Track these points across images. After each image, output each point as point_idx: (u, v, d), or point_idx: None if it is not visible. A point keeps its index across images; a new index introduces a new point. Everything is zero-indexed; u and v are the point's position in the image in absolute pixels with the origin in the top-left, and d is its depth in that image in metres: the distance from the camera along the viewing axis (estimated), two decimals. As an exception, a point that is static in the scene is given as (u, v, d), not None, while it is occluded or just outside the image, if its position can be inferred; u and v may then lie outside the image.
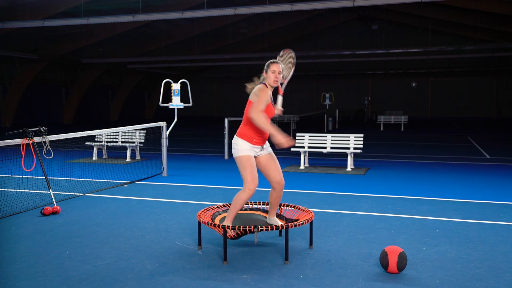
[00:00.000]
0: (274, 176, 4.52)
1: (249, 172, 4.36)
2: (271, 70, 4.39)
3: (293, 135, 17.85)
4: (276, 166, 4.55)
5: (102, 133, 8.84)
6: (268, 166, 4.53)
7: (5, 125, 27.60)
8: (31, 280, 3.79)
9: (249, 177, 4.35)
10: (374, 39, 35.98)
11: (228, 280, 3.80)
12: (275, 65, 4.40)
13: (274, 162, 4.55)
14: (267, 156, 4.54)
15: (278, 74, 4.39)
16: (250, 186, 4.35)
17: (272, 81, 4.39)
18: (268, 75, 4.41)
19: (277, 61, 4.45)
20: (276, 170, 4.53)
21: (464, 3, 22.92)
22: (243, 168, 4.38)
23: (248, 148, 4.41)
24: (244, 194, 4.36)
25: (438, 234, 5.06)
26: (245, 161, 4.38)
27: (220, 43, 30.63)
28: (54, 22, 17.04)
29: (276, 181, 4.52)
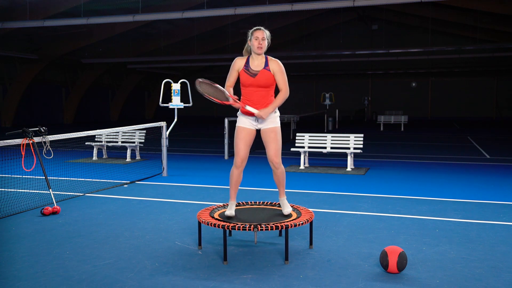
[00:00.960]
0: (268, 154, 4.56)
1: (236, 144, 4.53)
2: (254, 36, 4.43)
3: (293, 135, 17.85)
4: (271, 144, 4.52)
5: (102, 133, 8.84)
6: (264, 143, 4.58)
7: (5, 125, 27.60)
8: (31, 280, 3.79)
9: (235, 150, 4.54)
10: (374, 39, 35.98)
11: (228, 280, 3.80)
12: (258, 32, 4.44)
13: (269, 139, 4.53)
14: (265, 132, 4.55)
15: (261, 41, 4.41)
16: (236, 158, 4.53)
17: (255, 48, 4.43)
18: (252, 43, 4.45)
19: (260, 28, 4.47)
20: (270, 148, 4.53)
21: (464, 3, 22.92)
22: (235, 138, 4.56)
23: (242, 118, 4.55)
24: (233, 167, 4.56)
25: (438, 234, 5.06)
26: (237, 132, 4.56)
27: (220, 43, 30.63)
28: (54, 22, 17.04)
29: (269, 159, 4.56)
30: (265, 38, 4.44)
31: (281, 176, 4.62)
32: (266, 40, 4.46)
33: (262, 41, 4.41)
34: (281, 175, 4.62)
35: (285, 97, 4.54)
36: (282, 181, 4.66)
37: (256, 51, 4.43)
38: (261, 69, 4.44)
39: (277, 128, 4.55)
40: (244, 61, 4.51)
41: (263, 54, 4.51)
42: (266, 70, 4.44)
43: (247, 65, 4.48)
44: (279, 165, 4.56)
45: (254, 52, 4.46)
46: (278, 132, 4.55)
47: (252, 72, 4.45)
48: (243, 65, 4.50)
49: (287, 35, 32.66)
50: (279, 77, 4.47)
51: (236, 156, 4.50)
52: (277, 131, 4.55)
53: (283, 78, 4.49)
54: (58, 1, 18.80)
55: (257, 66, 4.46)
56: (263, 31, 4.44)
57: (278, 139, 4.54)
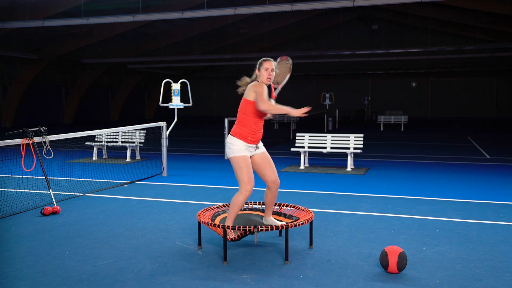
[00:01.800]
0: (270, 175, 4.50)
1: (246, 173, 4.33)
2: (264, 67, 4.38)
3: (293, 135, 17.86)
4: (271, 165, 4.53)
5: (102, 133, 8.84)
6: (263, 166, 4.50)
7: (5, 125, 27.60)
8: (31, 280, 3.79)
9: (246, 178, 4.32)
10: (374, 39, 35.98)
11: (228, 280, 3.80)
12: (267, 63, 4.39)
13: (268, 161, 4.53)
14: (262, 156, 4.52)
15: (271, 72, 4.38)
16: (246, 187, 4.31)
17: (265, 79, 4.38)
18: (261, 73, 4.40)
19: (269, 59, 4.44)
20: (271, 170, 4.50)
21: (464, 3, 22.92)
22: (239, 168, 4.34)
23: (244, 147, 4.39)
24: (241, 196, 4.33)
25: (438, 234, 5.06)
26: (241, 161, 4.35)
27: (220, 43, 30.63)
28: (54, 22, 17.04)
29: (272, 180, 4.50)
30: (274, 69, 4.42)
31: (276, 194, 4.61)
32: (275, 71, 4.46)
33: (272, 72, 4.40)
34: (276, 193, 4.61)
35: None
36: (275, 200, 4.66)
37: (266, 82, 4.40)
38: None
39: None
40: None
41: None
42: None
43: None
44: (279, 180, 4.58)
45: (263, 82, 4.41)
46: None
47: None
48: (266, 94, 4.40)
49: (287, 35, 32.65)
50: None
51: (248, 184, 4.32)
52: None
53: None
54: (58, 1, 18.80)
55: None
56: (272, 62, 4.42)
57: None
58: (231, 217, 4.41)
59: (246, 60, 29.49)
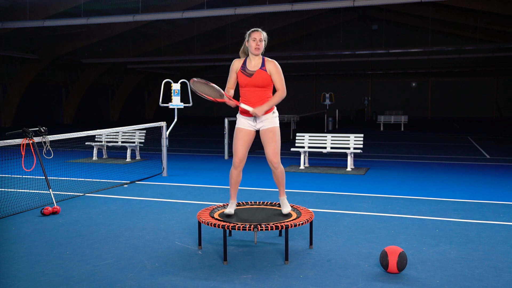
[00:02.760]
0: (266, 153, 4.58)
1: (234, 144, 4.60)
2: (252, 38, 4.50)
3: (293, 135, 17.85)
4: (269, 144, 4.55)
5: (102, 133, 8.84)
6: (263, 143, 4.61)
7: (5, 125, 27.60)
8: (31, 280, 3.79)
9: (234, 148, 4.60)
10: (374, 39, 35.99)
11: (228, 280, 3.80)
12: (255, 33, 4.51)
13: (267, 139, 4.56)
14: (263, 132, 4.59)
15: (259, 42, 4.48)
16: (234, 159, 4.59)
17: (253, 49, 4.49)
18: (249, 43, 4.51)
19: (257, 29, 4.54)
20: (268, 148, 4.56)
21: (464, 3, 22.92)
22: (234, 139, 4.61)
23: (241, 119, 4.61)
24: (232, 167, 4.62)
25: (438, 234, 5.06)
26: (236, 133, 4.63)
27: (220, 43, 30.64)
28: (54, 22, 17.04)
29: (268, 158, 4.59)
30: (262, 39, 4.51)
31: (281, 175, 4.65)
32: (263, 41, 4.54)
33: (260, 42, 4.49)
34: (280, 175, 4.64)
35: (282, 96, 4.58)
36: (282, 181, 4.69)
37: (254, 52, 4.50)
38: (258, 69, 4.50)
39: (275, 128, 4.60)
40: (242, 62, 4.61)
41: (260, 55, 4.58)
42: (263, 70, 4.50)
43: (244, 65, 4.57)
44: (278, 165, 4.58)
45: (251, 53, 4.53)
46: (276, 132, 4.59)
47: (249, 72, 4.52)
48: (240, 66, 4.59)
49: (287, 35, 32.64)
50: (275, 77, 4.53)
51: (235, 157, 4.57)
52: (276, 131, 4.59)
53: (280, 78, 4.55)
54: (58, 1, 18.80)
55: (253, 66, 4.53)
56: (260, 33, 4.51)
57: (276, 139, 4.57)
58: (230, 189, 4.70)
59: (246, 60, 29.39)
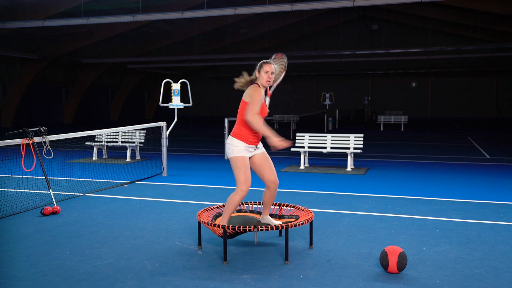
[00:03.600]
0: (269, 175, 4.50)
1: (243, 173, 4.35)
2: (264, 70, 4.40)
3: (293, 135, 17.85)
4: (270, 166, 4.53)
5: (102, 133, 8.84)
6: (263, 166, 4.51)
7: (5, 125, 27.60)
8: (31, 280, 3.79)
9: (242, 178, 4.35)
10: (374, 39, 35.99)
11: (228, 280, 3.80)
12: (268, 66, 4.41)
13: (268, 161, 4.54)
14: (261, 156, 4.53)
15: (270, 75, 4.40)
16: (242, 187, 4.34)
17: (264, 81, 4.40)
18: (260, 75, 4.42)
19: (269, 62, 4.46)
20: (270, 170, 4.51)
21: (464, 3, 22.92)
22: (237, 168, 4.37)
23: (243, 148, 4.41)
24: (237, 196, 4.35)
25: (438, 234, 5.06)
26: (240, 162, 4.37)
27: (220, 43, 30.64)
28: (54, 22, 17.04)
29: (271, 180, 4.50)
30: (273, 72, 4.45)
31: (275, 193, 4.60)
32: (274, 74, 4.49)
33: (271, 75, 4.43)
34: (275, 193, 4.59)
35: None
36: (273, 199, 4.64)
37: (265, 85, 4.43)
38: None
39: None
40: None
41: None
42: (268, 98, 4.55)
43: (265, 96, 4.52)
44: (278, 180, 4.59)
45: (262, 85, 4.44)
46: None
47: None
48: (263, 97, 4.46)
49: (287, 35, 32.65)
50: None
51: (244, 184, 4.36)
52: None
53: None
54: (58, 1, 18.80)
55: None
56: (272, 65, 4.44)
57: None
58: (226, 216, 4.44)
59: (246, 60, 29.52)
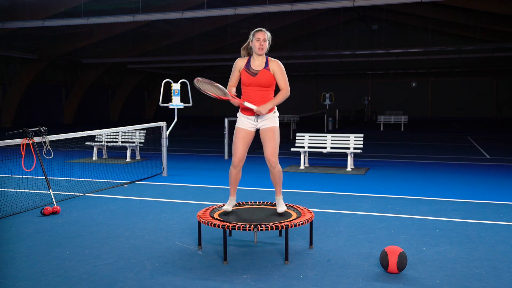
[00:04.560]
0: (265, 152, 4.60)
1: (234, 144, 4.61)
2: (255, 38, 4.51)
3: (293, 135, 17.85)
4: (269, 142, 4.58)
5: (102, 133, 8.84)
6: (262, 141, 4.63)
7: (5, 125, 27.60)
8: (31, 280, 3.79)
9: (234, 149, 4.62)
10: (374, 39, 35.98)
11: (228, 280, 3.80)
12: (259, 33, 4.52)
13: (267, 138, 4.58)
14: (263, 131, 4.61)
15: (262, 42, 4.50)
16: (234, 158, 4.63)
17: (257, 49, 4.51)
18: (253, 44, 4.53)
19: (261, 29, 4.56)
20: (267, 147, 4.59)
21: (464, 3, 22.92)
22: (234, 139, 4.63)
23: (242, 118, 4.62)
24: (231, 166, 4.65)
25: (438, 234, 5.06)
26: (236, 133, 4.65)
27: (220, 43, 30.64)
28: (54, 22, 17.05)
29: (266, 157, 4.61)
30: (266, 39, 4.53)
31: (278, 175, 4.66)
32: (267, 41, 4.55)
33: (263, 42, 4.50)
34: (277, 174, 4.66)
35: (285, 95, 4.60)
36: (279, 180, 4.71)
37: (257, 52, 4.51)
38: (262, 69, 4.53)
39: (275, 127, 4.62)
40: (245, 61, 4.61)
41: (263, 55, 4.59)
42: (267, 70, 4.52)
43: (248, 65, 4.58)
44: (275, 164, 4.60)
45: (255, 53, 4.55)
46: (276, 132, 4.61)
47: (253, 71, 4.53)
48: (244, 65, 4.60)
49: (287, 35, 32.65)
50: (279, 77, 4.55)
51: (234, 156, 4.59)
52: (275, 130, 4.62)
53: (283, 78, 4.57)
54: (58, 1, 18.80)
55: (257, 66, 4.55)
56: (264, 32, 4.53)
57: (276, 139, 4.60)
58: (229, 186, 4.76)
59: (246, 60, 29.42)
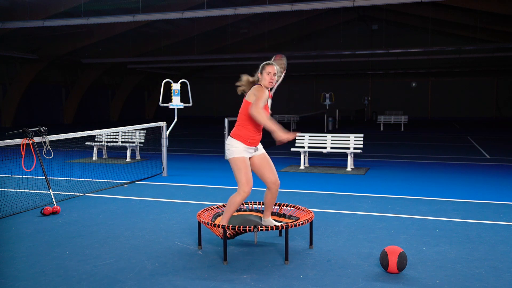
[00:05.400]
0: (269, 176, 4.50)
1: (244, 174, 4.34)
2: (266, 71, 4.40)
3: (293, 135, 17.83)
4: (271, 166, 4.53)
5: (102, 133, 8.84)
6: (263, 167, 4.50)
7: (5, 125, 27.60)
8: (31, 280, 3.79)
9: (244, 179, 4.34)
10: (374, 39, 35.98)
11: (228, 280, 3.80)
12: (270, 67, 4.41)
13: (268, 162, 4.53)
14: (261, 157, 4.53)
15: (273, 76, 4.40)
16: (245, 189, 4.33)
17: (267, 83, 4.40)
18: (263, 77, 4.41)
19: (272, 63, 4.46)
20: (270, 171, 4.51)
21: (464, 3, 22.92)
22: (238, 170, 4.36)
23: (243, 149, 4.40)
24: (239, 197, 4.35)
25: (438, 234, 5.06)
26: (240, 163, 4.36)
27: (220, 43, 30.63)
28: (54, 22, 17.05)
29: (272, 181, 4.50)
30: (276, 73, 4.45)
31: (276, 194, 4.59)
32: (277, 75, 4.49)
33: (274, 76, 4.43)
34: (276, 194, 4.59)
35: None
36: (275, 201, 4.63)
37: (268, 86, 4.42)
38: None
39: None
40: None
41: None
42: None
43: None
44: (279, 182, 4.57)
45: (264, 86, 4.42)
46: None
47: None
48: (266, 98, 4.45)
49: (287, 35, 32.65)
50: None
51: (247, 186, 4.35)
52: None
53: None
54: (58, 1, 18.80)
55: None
56: (274, 67, 4.44)
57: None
58: (227, 217, 4.45)
59: (246, 60, 29.53)
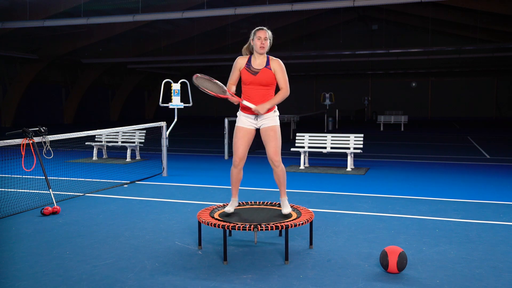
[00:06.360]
0: (268, 151, 4.59)
1: (234, 143, 4.58)
2: (257, 36, 4.50)
3: (293, 135, 17.85)
4: (270, 142, 4.55)
5: (102, 133, 8.84)
6: (264, 142, 4.61)
7: (5, 125, 27.60)
8: (31, 280, 3.79)
9: (234, 148, 4.60)
10: (374, 39, 35.99)
11: (228, 280, 3.80)
12: (260, 32, 4.51)
13: (268, 137, 4.56)
14: (264, 130, 4.58)
15: (264, 40, 4.48)
16: (234, 157, 4.60)
17: (258, 48, 4.49)
18: (254, 42, 4.52)
19: (263, 28, 4.55)
20: (269, 146, 4.56)
21: (464, 3, 22.93)
22: (234, 138, 4.60)
23: (241, 118, 4.60)
24: (232, 166, 4.64)
25: (438, 234, 5.06)
26: (236, 132, 4.63)
27: (220, 43, 30.64)
28: (54, 22, 17.05)
29: (269, 157, 4.59)
30: (267, 38, 4.52)
31: (281, 175, 4.63)
32: (268, 40, 4.54)
33: (265, 41, 4.49)
34: (281, 174, 4.63)
35: (285, 95, 4.59)
36: (283, 181, 4.67)
37: (259, 51, 4.50)
38: (262, 68, 4.51)
39: (276, 126, 4.60)
40: (246, 60, 4.59)
41: (265, 54, 4.58)
42: (267, 69, 4.51)
43: (248, 63, 4.57)
44: (278, 163, 4.58)
45: (256, 52, 4.53)
46: (277, 131, 4.59)
47: (253, 70, 4.52)
48: (244, 63, 4.58)
49: (287, 35, 32.65)
50: (279, 76, 4.54)
51: (235, 155, 4.58)
52: (277, 129, 4.59)
53: (283, 77, 4.56)
54: (58, 1, 18.81)
55: (258, 64, 4.54)
56: (265, 31, 4.52)
57: (277, 138, 4.58)
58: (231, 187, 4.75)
59: (246, 60, 29.42)
